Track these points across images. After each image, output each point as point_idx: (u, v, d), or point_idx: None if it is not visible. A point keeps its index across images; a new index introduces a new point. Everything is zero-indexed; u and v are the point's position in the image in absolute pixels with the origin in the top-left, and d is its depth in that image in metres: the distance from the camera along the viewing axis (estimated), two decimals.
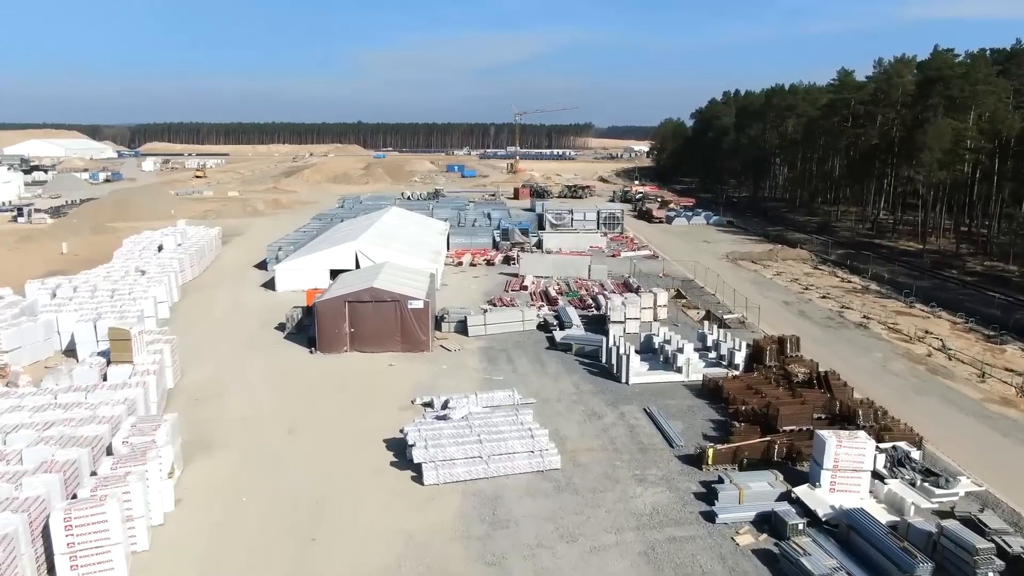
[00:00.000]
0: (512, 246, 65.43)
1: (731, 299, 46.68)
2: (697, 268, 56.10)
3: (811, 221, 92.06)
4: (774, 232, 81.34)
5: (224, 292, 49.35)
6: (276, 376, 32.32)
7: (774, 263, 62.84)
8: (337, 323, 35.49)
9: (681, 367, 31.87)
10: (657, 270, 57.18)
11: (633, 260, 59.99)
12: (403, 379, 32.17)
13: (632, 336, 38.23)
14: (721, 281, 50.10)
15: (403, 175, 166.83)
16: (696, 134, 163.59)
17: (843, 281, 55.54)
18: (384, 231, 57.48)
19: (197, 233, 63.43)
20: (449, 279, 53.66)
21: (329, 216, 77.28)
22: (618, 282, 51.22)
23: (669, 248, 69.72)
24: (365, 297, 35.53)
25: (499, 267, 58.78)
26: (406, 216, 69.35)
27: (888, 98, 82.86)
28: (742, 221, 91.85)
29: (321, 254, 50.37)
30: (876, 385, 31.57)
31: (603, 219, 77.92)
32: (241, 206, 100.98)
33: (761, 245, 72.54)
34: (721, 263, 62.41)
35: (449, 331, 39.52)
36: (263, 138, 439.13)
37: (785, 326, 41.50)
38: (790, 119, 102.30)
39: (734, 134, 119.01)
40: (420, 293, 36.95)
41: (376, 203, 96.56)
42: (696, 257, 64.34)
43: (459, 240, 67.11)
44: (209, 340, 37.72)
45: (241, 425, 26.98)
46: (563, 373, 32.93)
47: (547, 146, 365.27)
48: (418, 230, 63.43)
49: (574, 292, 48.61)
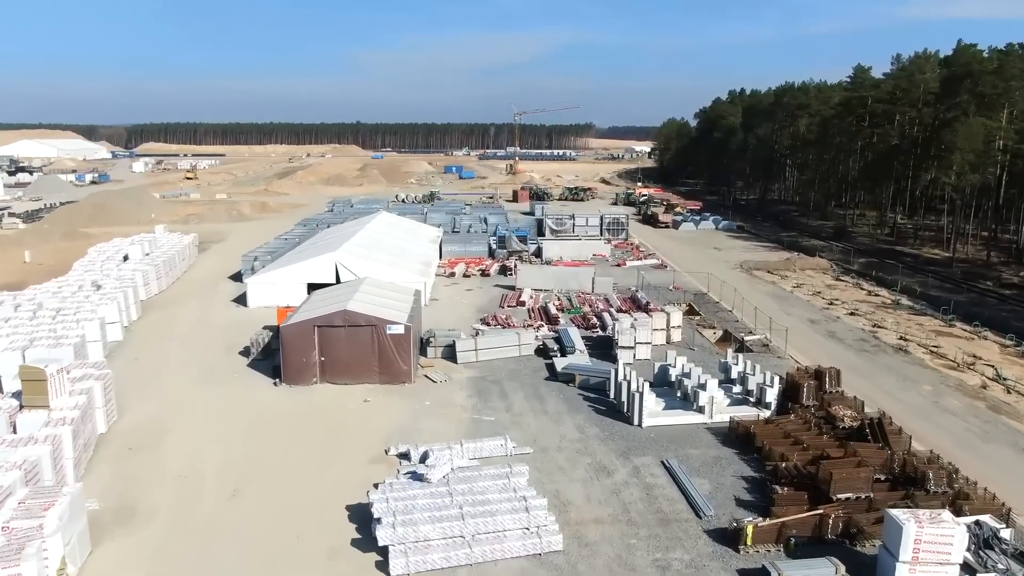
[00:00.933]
0: (509, 255, 60.81)
1: (750, 316, 42.06)
2: (710, 280, 51.47)
3: (825, 226, 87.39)
4: (788, 238, 76.69)
5: (190, 308, 44.72)
6: (230, 416, 27.67)
7: (792, 273, 58.19)
8: (305, 351, 30.85)
9: (703, 406, 27.22)
10: (666, 282, 52.55)
11: (640, 271, 55.35)
12: (378, 419, 27.54)
13: (643, 364, 33.62)
14: (738, 296, 45.46)
15: (399, 177, 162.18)
16: (700, 134, 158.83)
17: (870, 294, 50.88)
18: (369, 240, 52.84)
19: (169, 241, 58.84)
20: (440, 292, 49.04)
21: (315, 221, 72.65)
22: (624, 297, 46.59)
23: (677, 256, 65.08)
24: (337, 321, 30.88)
25: (495, 278, 54.15)
26: (396, 222, 64.72)
27: (908, 96, 78.20)
28: (753, 226, 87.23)
29: (297, 266, 45.71)
30: (932, 429, 26.94)
31: (607, 224, 73.30)
32: (227, 209, 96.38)
33: (776, 253, 67.88)
34: (735, 273, 57.76)
35: (436, 357, 34.90)
36: (261, 138, 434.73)
37: (814, 350, 36.90)
38: (802, 118, 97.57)
39: (742, 134, 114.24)
40: (401, 315, 32.30)
41: (368, 207, 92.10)
42: (707, 267, 59.70)
43: (453, 248, 62.48)
44: (161, 369, 33.08)
45: (176, 485, 22.32)
46: (565, 412, 28.29)
47: (547, 146, 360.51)
48: (408, 238, 58.80)
49: (576, 309, 43.97)
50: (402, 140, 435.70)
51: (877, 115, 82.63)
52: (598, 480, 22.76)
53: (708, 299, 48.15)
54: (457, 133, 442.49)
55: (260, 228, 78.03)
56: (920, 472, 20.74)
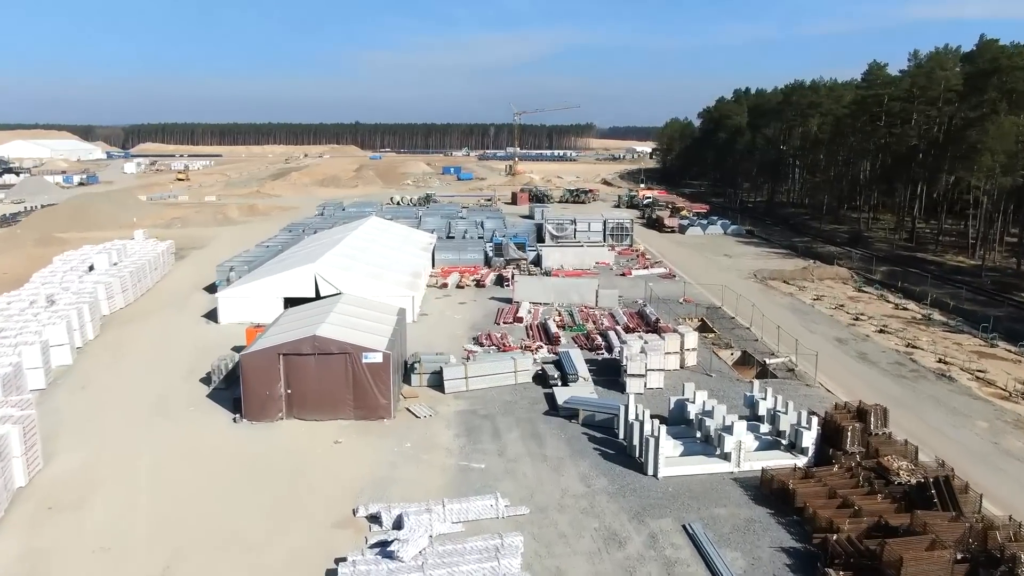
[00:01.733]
0: (506, 263, 56.86)
1: (771, 334, 38.16)
2: (723, 291, 47.49)
3: (838, 231, 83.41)
4: (801, 244, 72.73)
5: (155, 325, 40.78)
6: (177, 463, 23.73)
7: (810, 283, 54.22)
8: (269, 383, 26.90)
9: (729, 453, 23.26)
10: (676, 294, 48.62)
11: (647, 281, 51.41)
12: (349, 467, 23.60)
13: (655, 394, 29.70)
14: (756, 310, 41.50)
15: (395, 178, 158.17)
16: (704, 134, 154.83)
17: (897, 308, 46.90)
18: (355, 248, 48.89)
19: (143, 248, 54.92)
20: (430, 306, 45.11)
21: (302, 226, 68.71)
22: (631, 312, 42.66)
23: (686, 264, 61.13)
24: (305, 348, 26.93)
25: (490, 289, 50.21)
26: (386, 228, 60.76)
27: (927, 94, 74.20)
28: (762, 230, 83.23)
29: (273, 279, 41.77)
30: (998, 480, 22.97)
31: (610, 229, 69.35)
32: (213, 213, 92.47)
33: (790, 260, 63.89)
34: (749, 284, 53.80)
35: (421, 385, 30.97)
36: (259, 139, 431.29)
37: (846, 376, 32.96)
38: (813, 118, 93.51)
39: (749, 135, 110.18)
40: (381, 340, 28.35)
41: (360, 210, 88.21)
42: (719, 276, 55.78)
43: (446, 256, 58.53)
44: (108, 401, 29.15)
45: (94, 562, 18.38)
46: (567, 457, 24.34)
47: (547, 147, 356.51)
48: (398, 245, 54.84)
49: (579, 326, 40.01)
50: (401, 140, 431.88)
51: (893, 114, 78.63)
52: (607, 553, 18.80)
53: (722, 314, 44.20)
54: (457, 133, 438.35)
55: (246, 233, 74.14)
56: (1007, 554, 16.75)
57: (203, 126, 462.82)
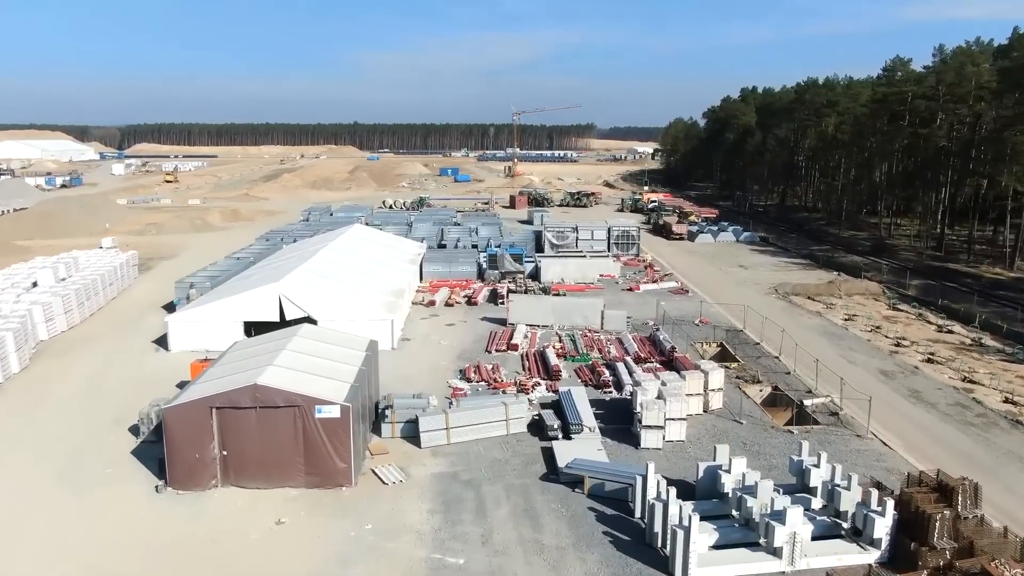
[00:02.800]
0: (501, 276, 51.62)
1: (804, 364, 32.94)
2: (744, 310, 42.20)
3: (857, 238, 78.10)
4: (820, 253, 67.41)
5: (96, 354, 35.54)
6: (67, 560, 18.48)
7: (837, 300, 48.93)
8: (199, 443, 21.69)
9: (780, 546, 17.99)
10: (691, 313, 43.37)
11: (658, 299, 46.17)
12: (289, 563, 18.36)
13: (677, 449, 24.50)
14: (782, 333, 36.18)
15: (391, 180, 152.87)
16: (710, 135, 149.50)
17: (941, 330, 41.61)
18: (330, 262, 43.65)
19: (100, 260, 49.67)
20: (414, 329, 39.90)
21: (282, 234, 63.47)
22: (642, 337, 37.43)
23: (698, 276, 55.87)
24: (244, 400, 21.70)
25: (483, 308, 44.97)
26: (370, 237, 55.48)
27: (955, 91, 68.88)
28: (777, 237, 77.87)
29: (232, 300, 36.49)
30: None
31: (615, 237, 64.08)
32: (193, 218, 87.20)
33: (811, 272, 58.59)
34: (770, 300, 48.53)
35: (393, 436, 25.76)
36: (256, 139, 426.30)
37: (901, 423, 27.72)
38: (830, 117, 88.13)
39: (759, 135, 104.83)
40: (340, 388, 23.09)
41: (349, 215, 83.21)
42: (736, 291, 50.56)
43: (436, 268, 53.30)
44: (9, 459, 23.90)
45: None
46: (570, 547, 19.07)
47: (548, 147, 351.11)
48: (381, 257, 49.58)
49: (583, 356, 34.73)
50: (400, 141, 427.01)
51: (918, 113, 73.30)
52: None
53: (745, 338, 38.93)
54: (456, 134, 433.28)
55: (224, 240, 68.99)
56: None
57: (200, 126, 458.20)
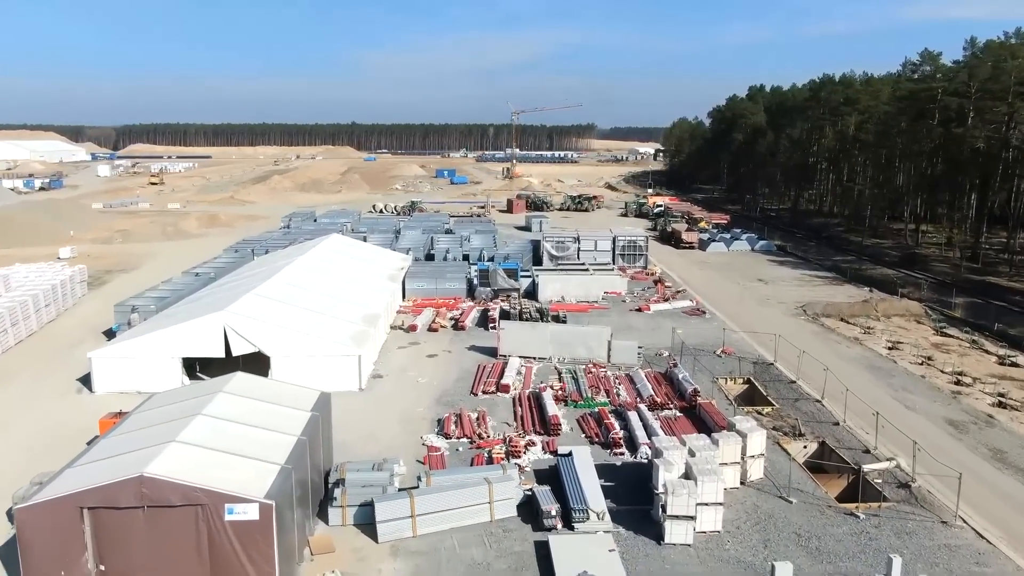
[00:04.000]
0: (494, 294, 45.84)
1: (852, 407, 27.14)
2: (773, 338, 36.35)
3: (882, 246, 72.23)
4: (845, 264, 61.55)
5: (4, 397, 29.72)
6: None
7: (875, 322, 43.16)
8: (66, 555, 15.91)
9: None
10: (710, 340, 37.55)
11: (672, 322, 40.37)
12: None
13: (713, 542, 18.71)
14: (818, 365, 30.32)
15: (384, 182, 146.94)
16: (716, 135, 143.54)
17: (1004, 362, 35.76)
18: (296, 282, 37.81)
19: (40, 278, 43.87)
20: (390, 361, 34.15)
21: (254, 244, 57.58)
22: (656, 374, 31.67)
23: (715, 293, 50.04)
24: (127, 497, 15.90)
25: (471, 333, 39.18)
26: (347, 249, 49.59)
27: (989, 87, 63.04)
28: (795, 246, 71.91)
29: (169, 333, 30.60)
30: None
31: (621, 248, 58.19)
32: (166, 224, 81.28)
33: (840, 288, 52.72)
34: (799, 323, 42.73)
35: (344, 523, 19.99)
36: (253, 139, 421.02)
37: (992, 499, 21.91)
38: (850, 116, 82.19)
39: (771, 135, 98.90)
40: (263, 476, 17.22)
41: (333, 221, 77.73)
42: (759, 312, 44.80)
43: (420, 285, 47.39)
44: None
45: None
46: None
47: (548, 147, 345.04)
48: (357, 274, 43.73)
49: (588, 401, 28.88)
50: (398, 141, 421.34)
51: (949, 110, 67.41)
52: None
53: (777, 373, 33.11)
54: (455, 134, 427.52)
55: (195, 249, 63.16)
56: None
57: (196, 127, 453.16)
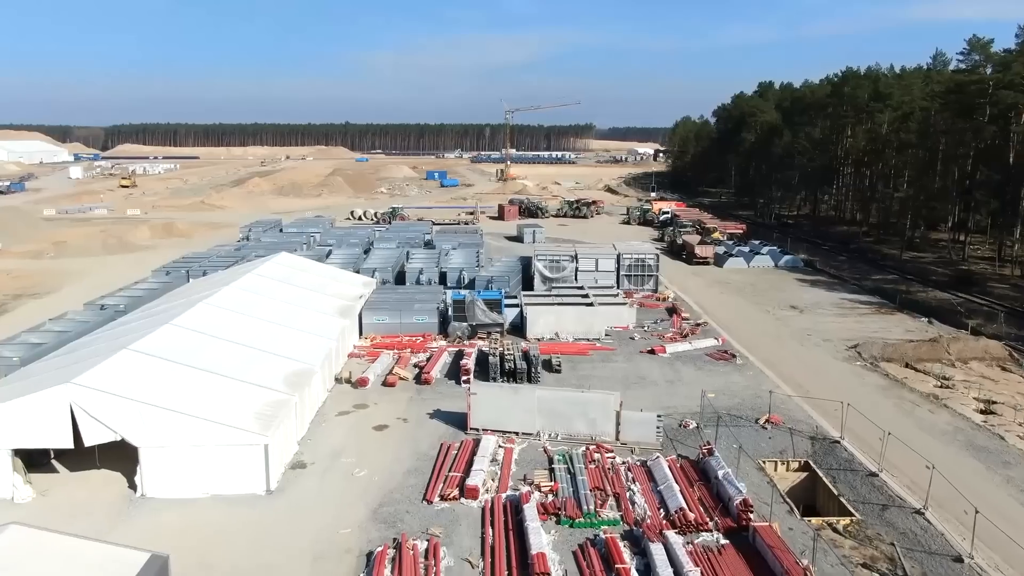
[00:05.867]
0: (472, 332, 36.93)
1: (965, 522, 18.33)
2: (826, 397, 27.40)
3: (922, 261, 63.40)
4: (889, 286, 52.66)
5: None
6: None
7: (948, 367, 34.30)
8: None
9: None
10: (748, 399, 28.67)
11: (697, 373, 31.47)
12: None
13: None
14: (900, 446, 21.47)
15: (368, 185, 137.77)
16: (723, 135, 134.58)
17: None
18: (199, 328, 28.79)
19: None
20: (321, 440, 25.28)
21: (191, 264, 48.47)
22: (686, 463, 22.80)
23: (741, 325, 41.19)
24: None
25: (440, 389, 30.29)
26: (292, 275, 40.45)
27: None
28: (825, 261, 62.72)
29: None
30: None
31: (627, 267, 49.25)
32: (117, 234, 72.18)
33: (890, 318, 43.81)
34: (855, 370, 33.84)
35: None
36: (245, 139, 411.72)
37: None
38: (882, 113, 73.26)
39: (788, 135, 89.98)
40: None
41: (301, 230, 69.02)
42: (800, 352, 36.03)
43: (381, 318, 38.39)
44: None
45: None
46: None
47: (546, 148, 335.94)
48: (298, 307, 34.69)
49: (589, 518, 19.92)
50: (393, 142, 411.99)
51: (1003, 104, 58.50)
52: None
53: (845, 457, 24.23)
54: (451, 134, 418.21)
55: (135, 267, 54.21)
56: None
57: (186, 127, 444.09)
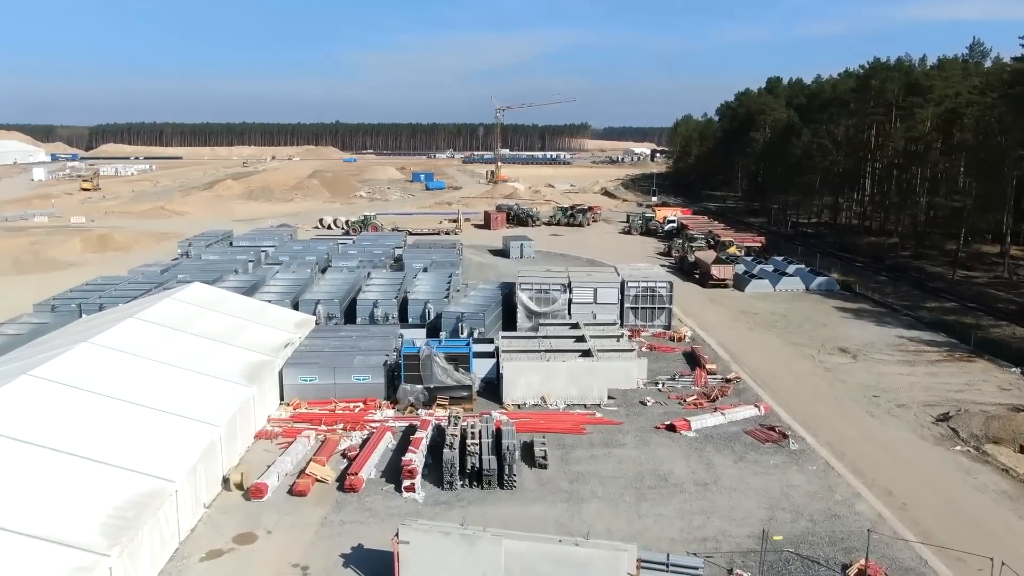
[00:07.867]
0: (429, 397, 27.40)
1: None
2: (920, 495, 18.07)
3: (975, 281, 54.11)
4: (951, 318, 43.36)
5: None
6: None
7: None
8: None
9: None
10: (820, 526, 19.32)
11: (764, 529, 22.09)
12: None
13: None
14: None
15: (347, 188, 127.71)
16: (727, 134, 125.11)
17: None
18: (41, 401, 19.21)
19: None
20: None
21: (84, 297, 38.87)
22: None
23: (783, 380, 31.80)
24: None
25: (369, 496, 20.83)
26: (195, 317, 30.72)
27: None
28: (864, 283, 52.95)
29: None
30: None
31: (632, 298, 39.76)
32: (36, 249, 62.46)
33: (970, 367, 34.44)
34: (956, 459, 24.47)
35: None
36: (232, 139, 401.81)
37: None
38: (922, 109, 63.92)
39: (807, 134, 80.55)
40: None
41: (252, 245, 60.65)
42: (872, 429, 26.58)
43: (309, 378, 28.75)
44: None
45: None
46: None
47: (540, 148, 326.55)
48: (182, 375, 25.12)
49: None
50: (385, 142, 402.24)
51: None
52: None
53: None
54: (443, 134, 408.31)
55: (42, 292, 44.42)
56: None
57: (172, 126, 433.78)
